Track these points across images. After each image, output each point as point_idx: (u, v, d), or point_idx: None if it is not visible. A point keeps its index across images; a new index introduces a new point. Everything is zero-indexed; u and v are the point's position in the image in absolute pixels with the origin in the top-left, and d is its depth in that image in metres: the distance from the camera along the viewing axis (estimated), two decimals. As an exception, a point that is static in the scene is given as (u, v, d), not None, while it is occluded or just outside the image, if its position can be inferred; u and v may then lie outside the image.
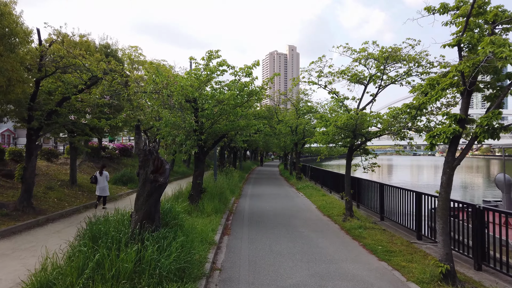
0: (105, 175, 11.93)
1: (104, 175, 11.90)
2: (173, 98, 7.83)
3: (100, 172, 11.84)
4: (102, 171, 11.99)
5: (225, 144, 17.35)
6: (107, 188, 12.12)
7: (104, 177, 11.89)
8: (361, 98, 10.21)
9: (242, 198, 14.73)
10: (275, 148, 40.91)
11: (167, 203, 6.49)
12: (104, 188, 11.90)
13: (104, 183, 11.85)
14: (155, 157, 4.83)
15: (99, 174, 11.79)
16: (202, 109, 9.28)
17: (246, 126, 10.14)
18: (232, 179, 16.66)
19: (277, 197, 15.45)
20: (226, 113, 9.05)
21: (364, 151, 10.29)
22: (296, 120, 20.04)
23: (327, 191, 17.21)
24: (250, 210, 11.80)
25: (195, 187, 10.40)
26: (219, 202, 11.04)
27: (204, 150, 10.52)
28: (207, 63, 9.32)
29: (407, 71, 9.21)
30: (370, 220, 9.79)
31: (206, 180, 12.99)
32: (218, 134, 10.56)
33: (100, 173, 11.80)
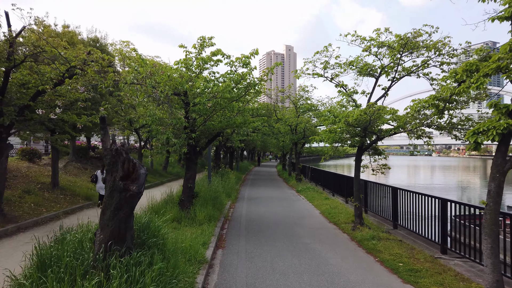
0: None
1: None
2: (158, 90, 6.69)
3: (102, 171, 11.68)
4: (103, 170, 11.71)
5: (221, 143, 16.20)
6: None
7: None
8: (372, 91, 9.14)
9: (239, 202, 13.61)
10: (272, 148, 39.86)
11: (144, 216, 5.36)
12: (104, 187, 11.30)
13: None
14: (125, 159, 3.71)
15: (100, 173, 11.63)
16: (194, 104, 8.16)
17: (243, 123, 9.02)
18: (228, 181, 15.53)
19: (276, 200, 14.35)
20: (220, 108, 7.94)
21: (375, 151, 9.21)
22: (296, 119, 18.94)
23: (330, 194, 16.13)
24: (247, 216, 10.69)
25: (185, 191, 9.27)
26: (213, 208, 9.92)
27: (196, 150, 9.39)
28: (199, 51, 8.19)
29: (425, 61, 8.14)
30: (382, 229, 8.71)
31: (199, 183, 11.86)
32: (212, 132, 9.44)
33: (101, 172, 11.64)
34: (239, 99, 8.39)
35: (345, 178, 14.01)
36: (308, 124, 18.70)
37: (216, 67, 8.58)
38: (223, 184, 14.05)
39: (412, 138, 8.48)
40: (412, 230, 8.20)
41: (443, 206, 6.91)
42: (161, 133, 7.44)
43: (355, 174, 9.24)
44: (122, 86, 6.62)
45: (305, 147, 22.25)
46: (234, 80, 7.87)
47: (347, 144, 9.27)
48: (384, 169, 9.76)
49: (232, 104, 7.86)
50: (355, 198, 9.11)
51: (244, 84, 8.13)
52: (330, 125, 9.21)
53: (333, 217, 10.36)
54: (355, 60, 9.12)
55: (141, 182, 3.81)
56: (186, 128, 8.70)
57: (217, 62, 8.41)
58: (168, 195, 10.60)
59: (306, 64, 9.43)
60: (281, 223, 9.74)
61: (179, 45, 8.37)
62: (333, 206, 12.01)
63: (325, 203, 13.20)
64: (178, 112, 9.19)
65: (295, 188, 18.75)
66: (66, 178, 15.20)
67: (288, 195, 16.33)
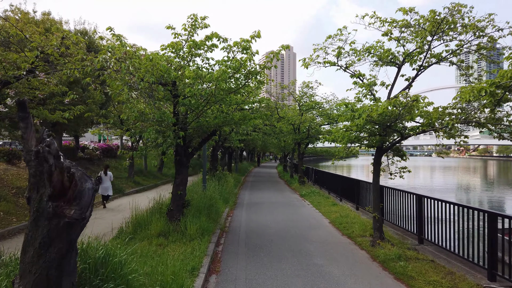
0: (109, 175, 12.48)
1: (109, 175, 12.46)
2: (136, 76, 5.32)
3: (105, 172, 12.35)
4: (106, 171, 12.47)
5: (218, 143, 14.82)
6: (111, 188, 12.64)
7: (108, 177, 12.45)
8: (394, 83, 7.78)
9: (237, 209, 12.24)
10: (273, 148, 38.53)
11: (100, 249, 3.99)
12: (107, 188, 12.40)
13: (107, 183, 12.37)
14: (55, 167, 2.36)
15: (103, 173, 12.30)
16: (184, 96, 6.81)
17: (242, 119, 7.66)
18: (226, 185, 14.15)
19: (279, 206, 12.99)
20: (215, 100, 6.58)
21: (397, 152, 7.86)
22: (300, 117, 17.58)
23: (336, 199, 14.78)
24: (247, 226, 9.33)
25: (175, 199, 7.91)
26: (208, 219, 8.56)
27: (187, 151, 8.04)
28: (190, 33, 6.83)
29: (461, 44, 6.79)
30: (407, 244, 7.36)
31: (192, 189, 10.49)
32: (206, 130, 8.08)
33: (104, 173, 12.31)
34: (238, 90, 7.03)
35: (354, 182, 12.66)
36: (312, 123, 17.31)
37: (211, 53, 7.22)
38: (220, 188, 12.68)
39: (441, 137, 7.15)
40: (444, 247, 6.86)
41: (491, 221, 5.56)
42: (140, 130, 6.08)
43: (373, 180, 7.89)
44: (89, 70, 5.25)
45: (309, 148, 20.88)
46: (232, 67, 6.51)
47: (364, 144, 7.91)
48: (404, 172, 8.45)
49: (229, 97, 6.50)
50: (374, 207, 7.76)
51: (244, 72, 6.77)
52: (345, 122, 7.88)
53: (345, 229, 9.00)
54: (374, 45, 7.78)
55: (84, 203, 2.46)
56: (175, 125, 7.35)
57: (212, 47, 7.06)
58: (157, 202, 9.25)
59: (316, 51, 8.08)
60: (286, 235, 8.38)
61: (166, 26, 7.01)
62: (343, 214, 10.65)
63: (333, 210, 11.84)
64: (163, 106, 7.85)
65: (298, 192, 17.39)
66: (48, 182, 13.84)
67: (291, 200, 14.97)
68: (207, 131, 8.28)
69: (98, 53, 5.60)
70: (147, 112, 6.10)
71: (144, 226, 7.61)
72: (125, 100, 6.24)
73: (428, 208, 7.47)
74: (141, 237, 7.25)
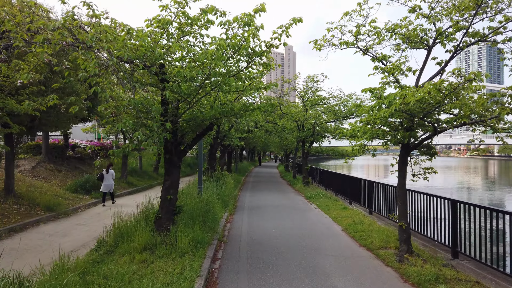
0: (111, 173, 12.81)
1: (110, 173, 12.77)
2: (104, 49, 4.10)
3: (107, 170, 12.68)
4: (108, 169, 12.76)
5: (216, 141, 13.56)
6: (113, 186, 12.95)
7: (110, 175, 12.76)
8: (423, 67, 6.58)
9: (237, 214, 11.02)
10: (273, 147, 37.37)
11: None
12: (109, 186, 12.72)
13: (110, 180, 12.71)
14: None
15: (105, 172, 12.63)
16: (175, 81, 5.60)
17: (244, 110, 6.43)
18: (225, 186, 12.92)
19: (283, 210, 11.78)
20: (211, 86, 5.37)
21: (427, 149, 6.65)
22: (304, 113, 16.36)
23: (345, 201, 13.59)
24: (249, 236, 8.12)
25: (164, 205, 6.70)
26: (203, 227, 7.35)
27: (178, 148, 6.82)
28: (181, 4, 5.60)
29: (509, 19, 5.58)
30: (441, 259, 6.14)
31: (185, 192, 9.26)
32: (201, 123, 6.86)
33: (106, 171, 12.67)
34: (238, 75, 5.81)
35: (367, 183, 11.45)
36: (318, 120, 16.07)
37: (206, 30, 6.00)
38: (218, 190, 11.45)
39: (484, 132, 5.96)
40: (489, 264, 5.65)
41: None
42: (114, 121, 4.85)
43: (399, 183, 6.67)
44: (39, 39, 4.04)
45: (313, 147, 19.66)
46: (231, 45, 5.29)
47: (387, 140, 6.68)
48: (429, 173, 7.26)
49: (228, 80, 5.27)
50: (400, 215, 6.55)
51: (246, 52, 5.55)
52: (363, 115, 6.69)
53: (362, 238, 7.79)
54: (398, 24, 6.57)
55: None
56: (163, 117, 6.14)
57: (208, 24, 5.83)
58: (146, 207, 8.04)
59: (330, 30, 6.86)
60: (295, 247, 7.17)
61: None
62: (357, 220, 9.44)
63: (344, 215, 10.64)
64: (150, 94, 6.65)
65: (303, 194, 16.17)
66: (30, 183, 12.61)
67: (296, 202, 13.75)
68: (202, 125, 7.07)
69: (62, 19, 4.39)
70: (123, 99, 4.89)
71: (127, 237, 6.40)
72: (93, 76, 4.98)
73: (465, 216, 6.28)
74: (123, 251, 6.05)
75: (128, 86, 4.47)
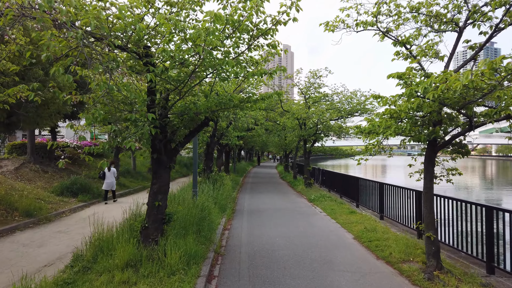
0: (112, 171, 12.84)
1: (112, 171, 12.82)
2: (63, 16, 3.13)
3: (108, 168, 12.69)
4: (110, 167, 12.80)
5: (213, 139, 12.54)
6: (115, 183, 13.00)
7: (112, 173, 12.79)
8: (453, 51, 5.64)
9: (236, 218, 10.06)
10: (272, 147, 36.46)
11: None
12: (111, 184, 12.76)
13: (111, 178, 12.76)
14: None
15: (107, 170, 12.62)
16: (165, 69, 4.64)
17: (244, 102, 5.46)
18: (223, 188, 11.93)
19: (286, 214, 10.83)
20: (205, 69, 4.42)
21: (459, 147, 5.72)
22: (307, 110, 15.41)
23: (352, 204, 12.68)
24: (250, 246, 7.16)
25: (151, 213, 5.73)
26: (198, 237, 6.39)
27: (169, 146, 5.86)
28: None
29: None
30: (476, 278, 5.21)
31: (178, 195, 8.26)
32: (195, 118, 5.89)
33: (108, 169, 12.67)
34: (237, 59, 4.84)
35: (377, 185, 10.53)
36: (321, 117, 15.11)
37: (201, 7, 5.03)
38: (215, 193, 10.47)
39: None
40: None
41: None
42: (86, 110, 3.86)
43: (425, 186, 5.73)
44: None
45: (315, 146, 18.69)
46: (230, 21, 4.33)
47: (411, 137, 5.73)
48: (454, 174, 6.38)
49: (226, 63, 4.31)
50: (427, 224, 5.61)
51: (247, 30, 4.59)
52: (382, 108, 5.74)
53: (379, 249, 6.86)
54: (423, 1, 5.64)
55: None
56: (150, 108, 5.19)
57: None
58: (133, 213, 7.08)
59: (344, 10, 5.91)
60: (303, 260, 6.22)
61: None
62: (369, 227, 8.51)
63: (353, 220, 9.71)
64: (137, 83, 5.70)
65: (305, 196, 15.22)
66: (11, 185, 11.59)
67: (299, 206, 12.80)
68: (196, 120, 6.10)
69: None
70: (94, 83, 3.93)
71: (107, 252, 5.44)
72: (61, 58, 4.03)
73: (503, 225, 5.36)
74: (101, 268, 5.08)
75: (99, 66, 3.50)
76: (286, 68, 5.01)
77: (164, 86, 5.28)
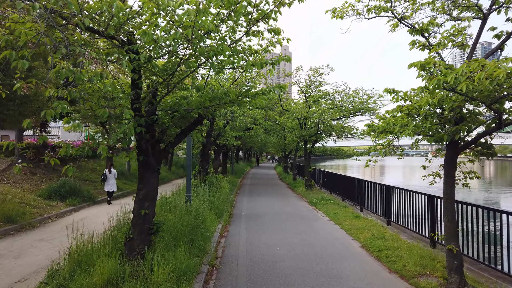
0: (113, 173, 13.00)
1: (113, 173, 12.98)
2: None
3: (109, 170, 12.86)
4: (110, 168, 12.96)
5: (209, 139, 11.82)
6: (115, 185, 13.13)
7: (113, 175, 12.94)
8: (476, 41, 5.03)
9: (234, 225, 9.40)
10: (271, 148, 35.85)
11: None
12: (112, 185, 12.90)
13: (112, 180, 12.88)
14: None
15: (108, 171, 12.81)
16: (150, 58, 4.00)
17: (243, 95, 4.81)
18: (220, 192, 11.26)
19: (287, 219, 10.18)
20: (197, 54, 3.78)
21: (485, 148, 5.10)
22: (308, 109, 14.77)
23: (355, 208, 12.06)
24: (249, 258, 6.50)
25: (137, 222, 5.07)
26: (190, 248, 5.74)
27: (157, 147, 5.21)
28: None
29: None
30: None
31: (170, 201, 7.58)
32: (186, 115, 5.24)
33: (109, 171, 12.84)
34: (234, 47, 4.19)
35: (383, 188, 9.91)
36: (323, 117, 14.45)
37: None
38: (211, 198, 9.81)
39: None
40: None
41: None
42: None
43: (445, 192, 5.10)
44: None
45: (316, 147, 18.06)
46: (225, 2, 3.67)
47: (429, 137, 5.10)
48: (472, 178, 5.79)
49: (221, 49, 3.66)
50: (449, 235, 4.98)
51: (245, 12, 3.94)
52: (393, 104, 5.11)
53: (391, 260, 6.22)
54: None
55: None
56: (134, 104, 4.55)
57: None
58: (120, 220, 6.42)
59: (354, -6, 5.28)
60: (308, 274, 5.58)
61: None
62: (377, 234, 7.87)
63: (359, 225, 9.08)
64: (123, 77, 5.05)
65: (306, 199, 14.58)
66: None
67: (300, 209, 12.16)
68: (188, 117, 5.45)
69: None
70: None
71: (86, 268, 4.78)
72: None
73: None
74: (79, 287, 4.42)
75: (63, 50, 2.86)
76: (290, 57, 4.36)
77: (151, 79, 4.63)
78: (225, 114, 11.03)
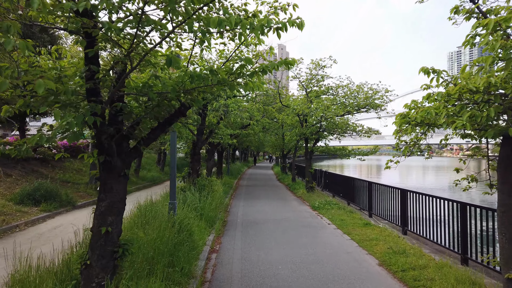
0: None
1: None
2: None
3: None
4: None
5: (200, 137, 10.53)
6: None
7: None
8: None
9: (227, 236, 8.16)
10: (269, 147, 34.69)
11: None
12: None
13: None
14: None
15: None
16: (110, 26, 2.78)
17: (236, 74, 3.60)
18: (213, 197, 10.00)
19: (289, 228, 8.97)
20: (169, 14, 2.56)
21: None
22: (309, 105, 13.58)
23: (363, 213, 10.90)
24: (245, 281, 5.27)
25: (97, 244, 3.84)
26: (170, 273, 4.49)
27: (124, 145, 3.98)
28: None
29: None
30: None
31: (151, 210, 6.31)
32: (161, 103, 4.01)
33: None
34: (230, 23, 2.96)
35: (398, 191, 8.74)
36: (326, 113, 13.23)
37: None
38: (202, 203, 8.55)
39: None
40: None
41: None
42: None
43: (501, 204, 3.91)
44: None
45: (317, 146, 16.87)
46: None
47: (482, 130, 3.93)
48: None
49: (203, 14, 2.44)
50: (507, 257, 3.79)
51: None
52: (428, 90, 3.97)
53: (421, 284, 5.03)
54: None
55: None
56: (88, 84, 3.33)
57: None
58: (87, 236, 5.15)
59: None
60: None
61: None
62: (395, 248, 6.68)
63: (371, 235, 7.91)
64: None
65: (308, 203, 13.38)
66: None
67: (303, 215, 10.96)
68: (165, 106, 4.21)
69: None
70: None
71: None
72: None
73: None
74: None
75: None
76: (304, 21, 3.14)
77: (110, 52, 3.40)
78: (218, 109, 9.82)
